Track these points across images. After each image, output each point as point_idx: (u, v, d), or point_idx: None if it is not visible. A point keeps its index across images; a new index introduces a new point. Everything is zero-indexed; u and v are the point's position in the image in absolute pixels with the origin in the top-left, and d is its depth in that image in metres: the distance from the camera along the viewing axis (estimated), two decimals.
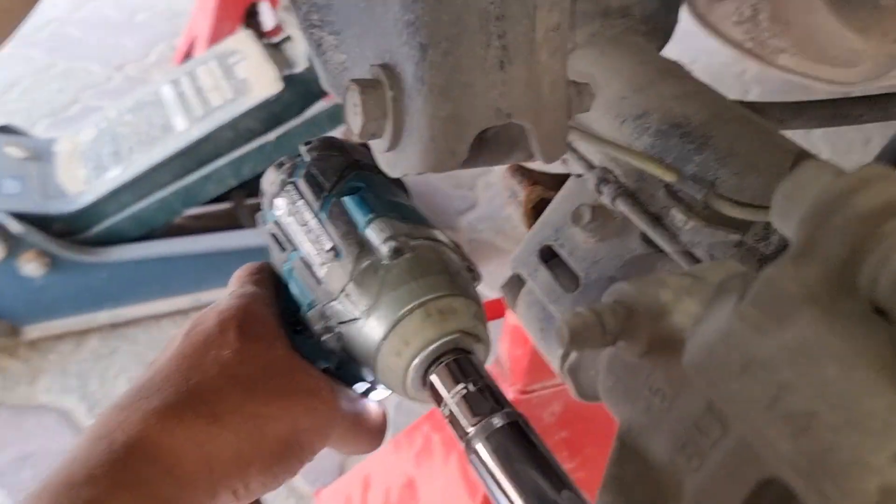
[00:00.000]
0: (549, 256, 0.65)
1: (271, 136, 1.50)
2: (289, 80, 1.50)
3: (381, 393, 0.51)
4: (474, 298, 0.46)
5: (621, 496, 0.30)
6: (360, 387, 0.51)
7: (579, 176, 0.64)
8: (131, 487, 0.38)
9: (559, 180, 0.71)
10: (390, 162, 0.44)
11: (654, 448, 0.32)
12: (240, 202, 1.82)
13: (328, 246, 0.47)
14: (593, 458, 0.99)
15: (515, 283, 0.69)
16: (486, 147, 0.44)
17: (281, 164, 0.54)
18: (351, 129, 0.43)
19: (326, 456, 0.54)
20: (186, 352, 0.45)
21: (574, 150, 0.63)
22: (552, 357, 0.66)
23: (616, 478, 0.31)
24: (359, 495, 1.21)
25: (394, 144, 0.42)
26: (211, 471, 0.41)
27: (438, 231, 0.49)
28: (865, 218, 0.24)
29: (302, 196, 0.50)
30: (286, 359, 0.47)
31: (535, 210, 0.71)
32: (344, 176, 0.50)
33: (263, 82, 1.50)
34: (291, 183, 0.51)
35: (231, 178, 1.51)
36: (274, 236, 0.52)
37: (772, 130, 0.58)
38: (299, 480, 1.38)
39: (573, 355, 0.62)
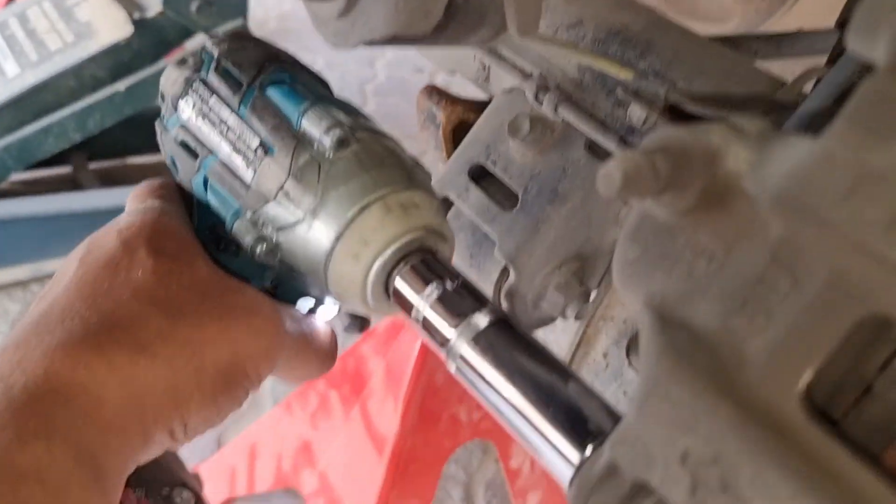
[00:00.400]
0: (478, 176, 0.61)
1: (120, 85, 1.34)
2: (140, 25, 1.35)
3: (330, 309, 0.45)
4: (434, 193, 0.41)
5: (684, 362, 0.27)
6: (304, 304, 0.44)
7: (508, 91, 0.61)
8: (44, 436, 0.30)
9: (477, 104, 0.67)
10: (341, 31, 0.38)
11: (700, 316, 0.28)
12: (81, 165, 1.63)
13: (255, 143, 0.40)
14: None
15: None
16: (454, 19, 0.39)
17: (183, 61, 0.46)
18: None
19: None
20: (87, 278, 0.37)
21: (505, 61, 0.59)
22: (485, 284, 0.62)
23: (671, 345, 0.27)
24: (245, 467, 1.12)
25: (350, 5, 0.36)
26: (142, 411, 0.34)
27: (377, 124, 0.43)
28: None
29: (214, 92, 0.43)
30: (213, 277, 0.40)
31: (455, 134, 0.67)
32: (263, 68, 0.43)
33: (110, 26, 1.34)
34: (200, 80, 0.44)
35: (74, 131, 1.34)
36: (182, 144, 0.44)
37: (708, 39, 0.57)
38: None
39: (511, 278, 0.59)
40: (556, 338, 0.63)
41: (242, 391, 0.39)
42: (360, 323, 0.86)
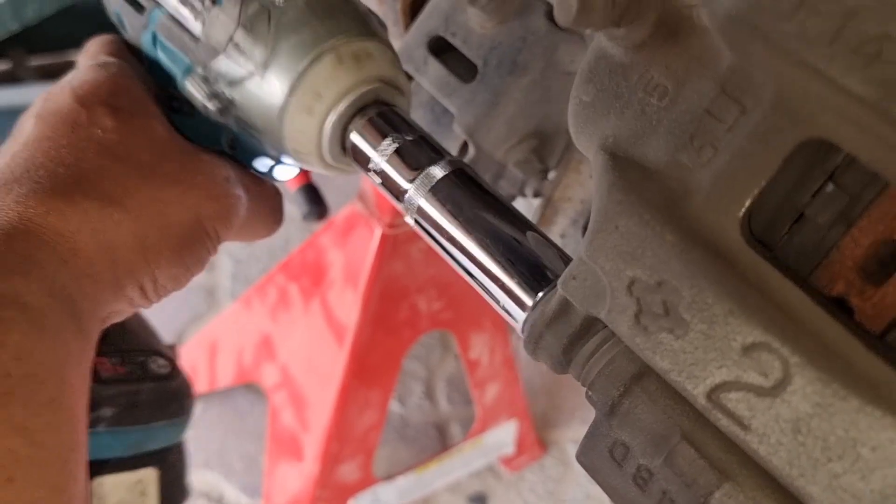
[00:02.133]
0: (437, 49, 0.59)
1: None
2: None
3: (287, 170, 0.44)
4: (388, 44, 0.40)
5: (633, 195, 0.27)
6: (262, 165, 0.43)
7: None
8: (21, 272, 0.31)
9: None
10: None
11: (651, 153, 0.29)
12: (20, 60, 1.56)
13: None
14: (460, 297, 0.98)
15: None
16: None
17: None
18: None
19: (160, 325, 0.48)
20: (46, 134, 0.36)
21: None
22: None
23: (621, 178, 0.28)
24: (205, 364, 1.13)
25: None
26: (113, 261, 0.35)
27: None
28: None
29: None
30: (171, 140, 0.39)
31: (413, 8, 0.64)
32: None
33: None
34: None
35: (11, 20, 1.26)
36: None
37: None
38: None
39: (470, 153, 0.58)
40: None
41: (205, 251, 0.39)
42: (318, 210, 0.86)
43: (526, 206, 0.64)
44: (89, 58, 0.42)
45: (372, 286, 0.87)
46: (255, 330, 1.04)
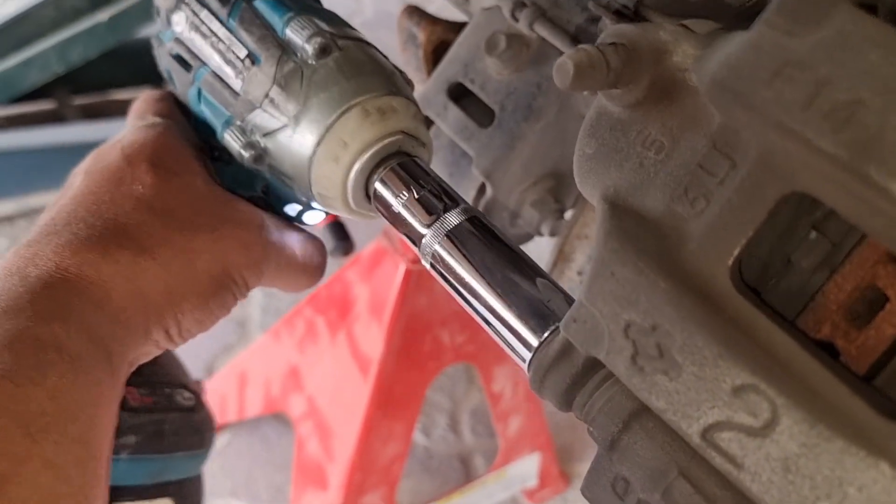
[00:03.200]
0: (457, 95, 0.62)
1: (103, 15, 1.32)
2: None
3: (316, 214, 0.47)
4: (413, 100, 0.42)
5: (628, 243, 0.29)
6: (292, 209, 0.46)
7: (487, 9, 0.61)
8: (61, 319, 0.33)
9: (456, 24, 0.68)
10: None
11: (649, 204, 0.31)
12: (65, 99, 1.62)
13: (243, 53, 0.42)
14: (483, 330, 1.00)
15: None
16: None
17: None
18: None
19: (190, 360, 0.51)
20: (91, 189, 0.40)
21: None
22: None
23: (617, 227, 0.29)
24: (235, 393, 1.16)
25: None
26: (144, 306, 0.37)
27: (361, 33, 0.44)
28: None
29: (205, 6, 0.44)
30: (208, 191, 0.42)
31: (435, 54, 0.67)
32: None
33: None
34: None
35: (56, 64, 1.33)
36: (177, 57, 0.46)
37: None
38: None
39: (487, 195, 0.61)
40: (536, 256, 0.66)
41: (231, 297, 0.41)
42: (343, 247, 0.88)
43: (545, 244, 0.66)
44: (138, 117, 0.45)
45: (396, 320, 0.89)
46: (283, 361, 1.07)
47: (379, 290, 0.90)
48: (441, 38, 0.66)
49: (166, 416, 0.44)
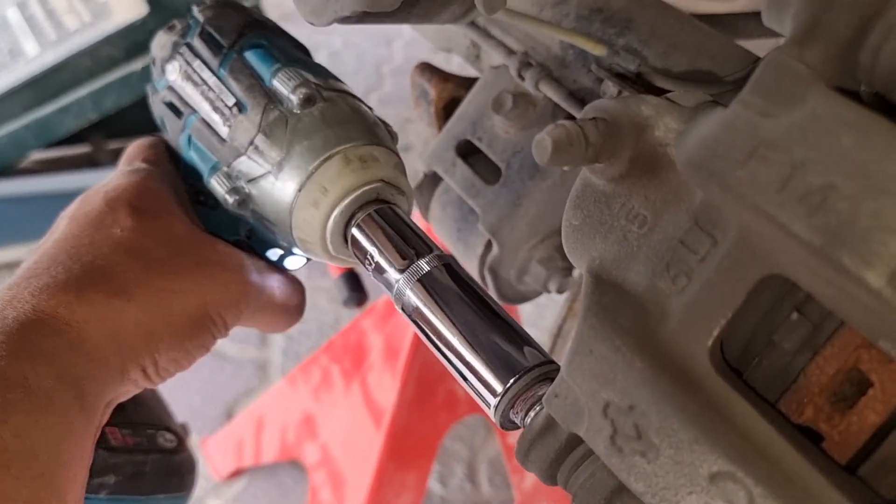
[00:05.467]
0: (466, 152, 0.62)
1: (136, 65, 1.37)
2: (155, 4, 1.38)
3: (297, 259, 0.48)
4: (394, 150, 0.43)
5: (606, 320, 0.28)
6: (274, 254, 0.47)
7: (496, 68, 0.62)
8: (36, 359, 0.34)
9: (469, 81, 0.68)
10: (317, 9, 0.40)
11: (632, 277, 0.30)
12: (99, 144, 1.67)
13: (231, 102, 0.43)
14: None
15: (429, 184, 0.66)
16: None
17: (172, 28, 0.49)
18: None
19: (211, 402, 0.51)
20: (73, 233, 0.41)
21: (492, 38, 0.61)
22: (471, 258, 0.64)
23: (597, 303, 0.29)
24: (251, 439, 1.16)
25: None
26: (120, 346, 0.38)
27: (348, 86, 0.46)
28: None
29: (198, 56, 0.46)
30: (188, 233, 0.43)
31: (446, 110, 0.68)
32: (244, 33, 0.46)
33: (126, 5, 1.37)
34: (185, 44, 0.47)
35: (91, 111, 1.37)
36: (169, 104, 0.47)
37: (689, 17, 0.58)
38: None
39: (494, 251, 0.61)
40: (548, 312, 0.65)
41: (209, 336, 0.42)
42: (357, 297, 0.89)
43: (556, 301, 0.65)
44: (127, 163, 0.47)
45: (409, 370, 0.89)
46: (298, 408, 1.07)
47: (392, 340, 0.90)
48: (452, 94, 0.67)
49: (147, 457, 0.44)
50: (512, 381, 0.33)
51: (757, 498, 0.24)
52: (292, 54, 0.46)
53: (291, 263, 0.48)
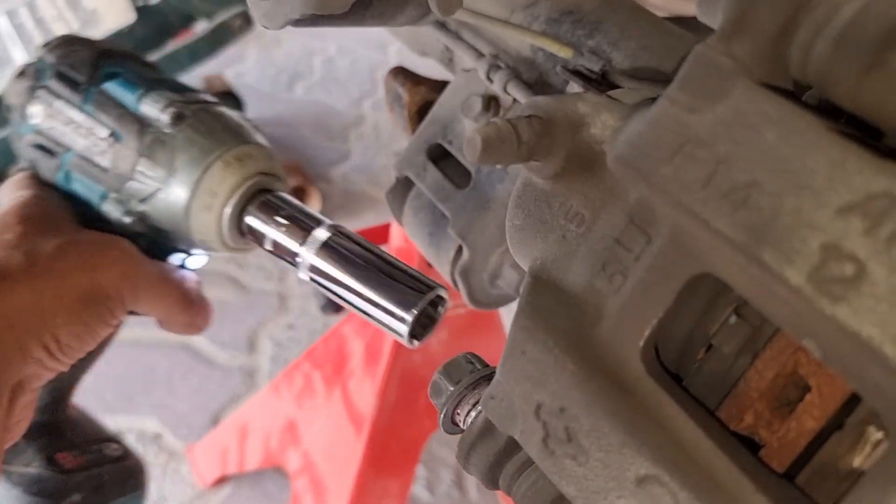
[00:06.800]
0: (437, 155, 0.62)
1: None
2: (143, 11, 1.38)
3: (198, 259, 0.51)
4: (264, 144, 0.47)
5: (539, 320, 0.28)
6: (177, 259, 0.50)
7: (467, 71, 0.62)
8: None
9: (442, 85, 0.68)
10: (269, 13, 0.40)
11: (571, 277, 0.30)
12: None
13: (104, 133, 0.46)
14: None
15: (401, 189, 0.66)
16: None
17: (22, 73, 0.51)
18: None
19: (197, 410, 0.53)
20: None
21: (462, 41, 0.60)
22: (443, 262, 0.63)
23: (531, 304, 0.29)
24: (236, 445, 1.15)
25: None
26: (12, 326, 0.40)
27: (206, 94, 0.49)
28: None
29: (59, 96, 0.48)
30: (76, 228, 0.46)
31: (420, 114, 0.68)
32: (98, 66, 0.48)
33: (114, 12, 1.37)
34: (42, 87, 0.49)
35: None
36: (39, 146, 0.49)
37: (660, 19, 0.57)
38: (170, 436, 1.30)
39: (465, 256, 0.60)
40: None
41: (107, 311, 0.44)
42: (335, 304, 0.88)
43: None
44: (8, 193, 0.49)
45: (389, 376, 0.88)
46: (281, 415, 1.06)
47: (373, 346, 0.89)
48: (425, 98, 0.66)
49: (102, 468, 0.48)
50: (415, 309, 0.39)
51: (682, 502, 0.24)
52: (149, 76, 0.48)
53: (193, 263, 0.51)
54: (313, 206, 1.70)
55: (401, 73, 0.68)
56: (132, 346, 1.42)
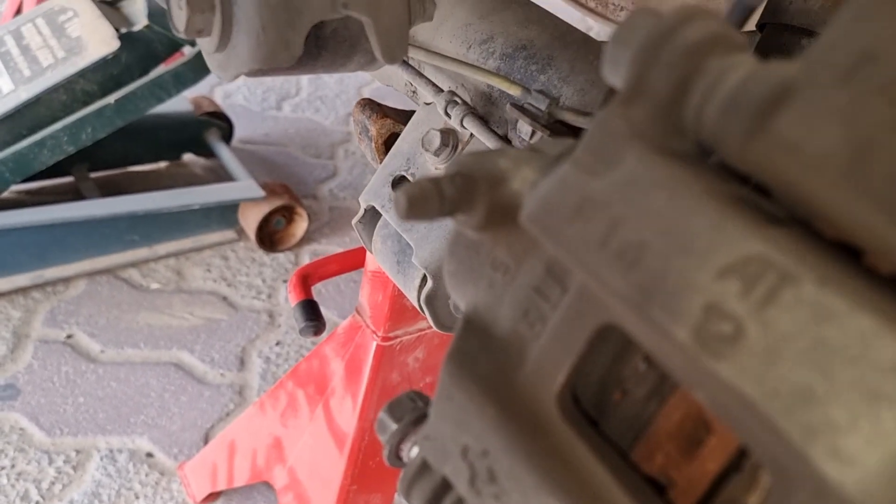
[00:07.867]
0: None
1: (111, 98, 1.39)
2: (127, 39, 1.40)
3: None
4: None
5: (464, 367, 0.29)
6: None
7: (428, 104, 0.64)
8: None
9: (409, 116, 0.70)
10: (222, 64, 0.42)
11: (500, 322, 0.31)
12: (82, 175, 1.69)
13: None
14: None
15: (370, 218, 0.68)
16: (325, 48, 0.42)
17: None
18: (175, 26, 0.40)
19: (188, 428, 0.52)
20: None
21: (423, 76, 0.62)
22: (410, 289, 0.65)
23: (459, 350, 0.30)
24: (225, 462, 1.17)
25: (223, 41, 0.39)
26: None
27: None
28: (691, 51, 0.24)
29: None
30: None
31: (387, 145, 0.70)
32: None
33: (98, 41, 1.39)
34: None
35: (68, 144, 1.39)
36: None
37: None
38: (161, 455, 1.31)
39: (429, 285, 0.62)
40: None
41: None
42: (315, 326, 0.90)
43: None
44: None
45: (369, 395, 0.90)
46: (267, 433, 1.07)
47: (353, 365, 0.91)
48: (391, 130, 0.68)
49: None
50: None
51: None
52: None
53: None
54: (300, 227, 1.72)
55: (367, 105, 0.70)
56: (123, 366, 1.43)
